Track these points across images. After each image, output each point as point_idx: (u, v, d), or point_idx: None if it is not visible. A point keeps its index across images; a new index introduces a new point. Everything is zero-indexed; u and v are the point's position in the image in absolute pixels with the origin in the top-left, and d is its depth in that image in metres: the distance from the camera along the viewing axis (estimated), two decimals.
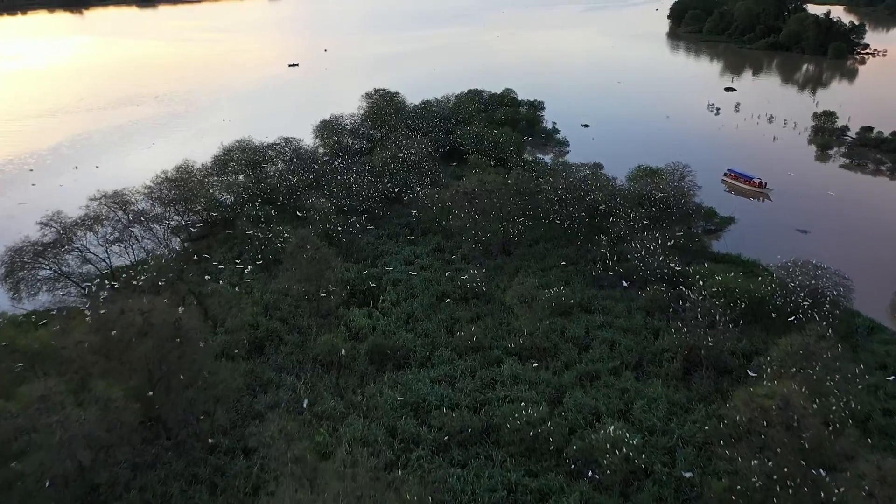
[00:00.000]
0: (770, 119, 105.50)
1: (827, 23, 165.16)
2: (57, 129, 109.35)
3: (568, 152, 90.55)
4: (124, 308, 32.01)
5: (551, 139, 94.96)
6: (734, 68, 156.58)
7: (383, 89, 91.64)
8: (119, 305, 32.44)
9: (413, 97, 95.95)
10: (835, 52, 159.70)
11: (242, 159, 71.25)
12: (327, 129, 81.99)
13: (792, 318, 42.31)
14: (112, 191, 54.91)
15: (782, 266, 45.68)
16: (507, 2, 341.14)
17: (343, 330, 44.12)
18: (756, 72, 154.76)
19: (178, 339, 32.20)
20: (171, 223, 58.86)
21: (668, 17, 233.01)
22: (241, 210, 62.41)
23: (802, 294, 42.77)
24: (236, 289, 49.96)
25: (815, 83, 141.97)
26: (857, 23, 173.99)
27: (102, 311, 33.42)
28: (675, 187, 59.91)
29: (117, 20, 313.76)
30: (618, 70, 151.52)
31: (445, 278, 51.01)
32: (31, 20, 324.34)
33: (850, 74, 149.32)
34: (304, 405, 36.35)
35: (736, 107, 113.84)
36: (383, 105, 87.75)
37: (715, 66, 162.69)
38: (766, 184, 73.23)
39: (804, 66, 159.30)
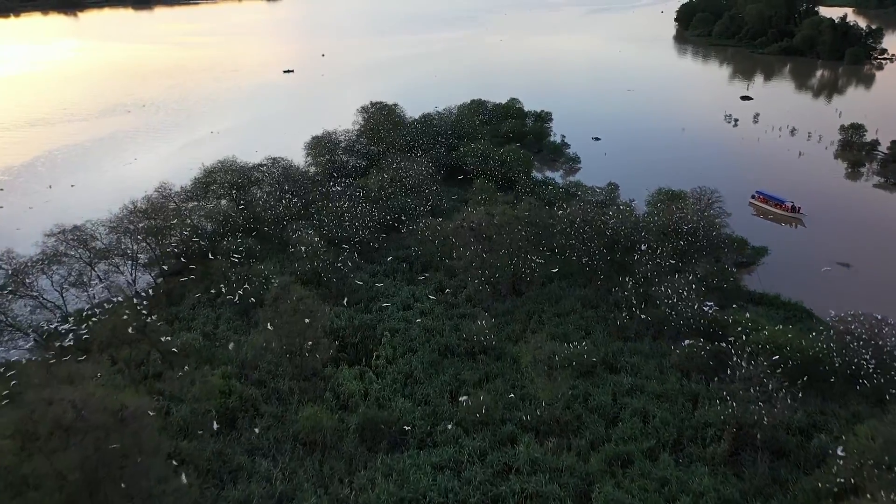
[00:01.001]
0: (792, 131, 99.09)
1: (843, 27, 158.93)
2: (35, 142, 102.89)
3: (579, 169, 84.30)
4: (52, 398, 25.87)
5: (561, 155, 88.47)
6: (747, 74, 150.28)
7: (380, 102, 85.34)
8: (47, 394, 26.26)
9: (412, 106, 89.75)
10: (852, 57, 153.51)
11: (225, 182, 65.08)
12: (319, 145, 75.66)
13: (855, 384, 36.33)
14: (72, 225, 48.77)
15: (840, 319, 39.37)
16: (508, 4, 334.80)
17: (330, 397, 37.94)
18: (770, 78, 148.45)
19: (123, 430, 26.19)
20: (140, 260, 52.50)
21: (675, 20, 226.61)
22: (221, 242, 56.01)
23: (868, 355, 36.67)
24: (209, 340, 43.80)
25: (832, 90, 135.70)
26: (873, 27, 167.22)
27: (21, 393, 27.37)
28: (703, 217, 53.84)
29: (112, 23, 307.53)
30: (626, 76, 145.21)
31: (449, 327, 44.76)
32: (24, 23, 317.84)
33: (869, 81, 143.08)
34: None
35: (755, 117, 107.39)
36: (380, 119, 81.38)
37: (726, 72, 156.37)
38: (799, 208, 66.87)
39: (820, 72, 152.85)
